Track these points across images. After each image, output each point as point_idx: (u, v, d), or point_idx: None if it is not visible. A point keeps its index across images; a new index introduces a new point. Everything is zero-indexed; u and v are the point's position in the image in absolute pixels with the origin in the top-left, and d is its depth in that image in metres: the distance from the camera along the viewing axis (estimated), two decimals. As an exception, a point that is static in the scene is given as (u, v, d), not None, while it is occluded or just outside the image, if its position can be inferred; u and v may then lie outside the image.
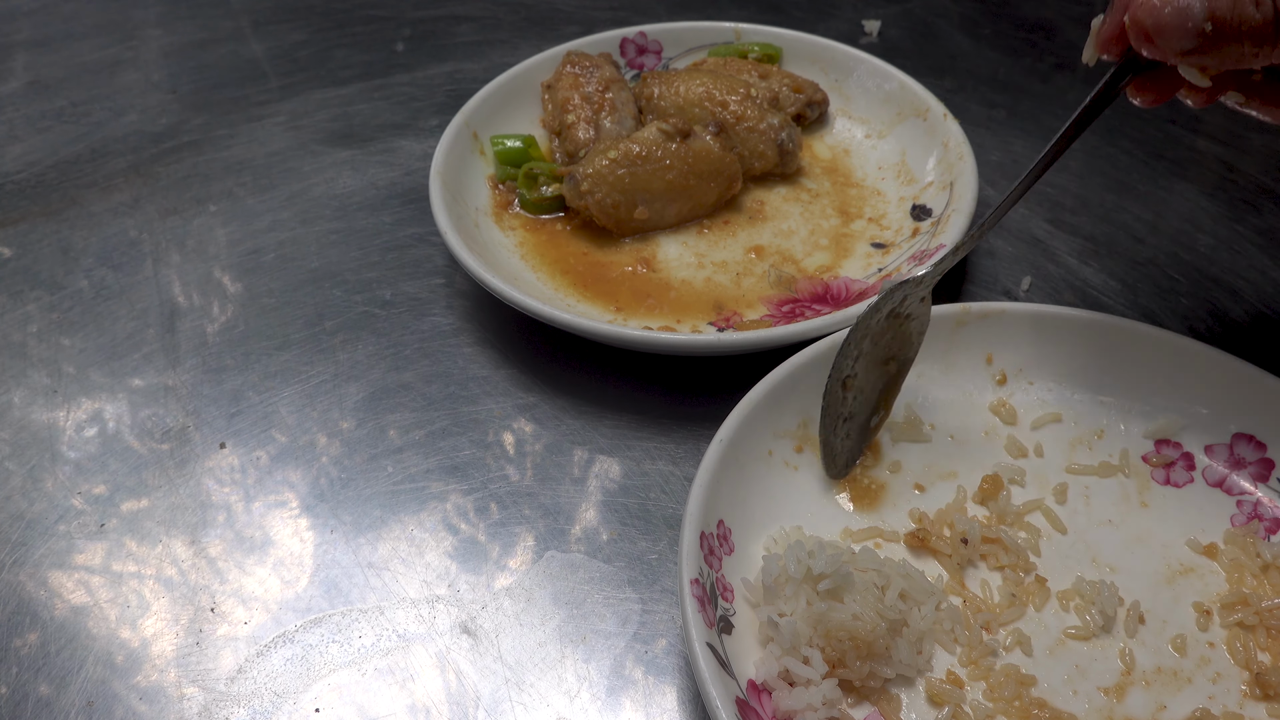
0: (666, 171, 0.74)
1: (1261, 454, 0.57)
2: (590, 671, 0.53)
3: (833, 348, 0.60)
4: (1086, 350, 0.61)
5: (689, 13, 1.05)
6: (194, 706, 0.52)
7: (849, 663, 0.48)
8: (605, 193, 0.73)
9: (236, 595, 0.57)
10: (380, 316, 0.73)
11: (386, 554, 0.59)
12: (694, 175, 0.75)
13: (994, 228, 0.61)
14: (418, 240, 0.79)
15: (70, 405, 0.68)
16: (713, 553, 0.51)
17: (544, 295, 0.70)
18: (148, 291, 0.76)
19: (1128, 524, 0.57)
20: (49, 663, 0.54)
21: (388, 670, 0.53)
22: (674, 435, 0.64)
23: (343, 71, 0.99)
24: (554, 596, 0.56)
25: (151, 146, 0.90)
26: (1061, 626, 0.52)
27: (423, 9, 1.08)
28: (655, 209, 0.74)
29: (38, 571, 0.59)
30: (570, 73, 0.83)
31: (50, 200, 0.85)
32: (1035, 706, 0.49)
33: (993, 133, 0.88)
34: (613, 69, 0.84)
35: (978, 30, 1.02)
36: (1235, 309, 0.71)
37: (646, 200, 0.74)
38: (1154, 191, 0.82)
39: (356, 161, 0.88)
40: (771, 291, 0.71)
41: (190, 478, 0.63)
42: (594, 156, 0.74)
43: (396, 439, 0.65)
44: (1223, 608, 0.53)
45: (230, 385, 0.69)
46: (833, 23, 1.04)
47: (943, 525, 0.56)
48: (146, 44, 1.04)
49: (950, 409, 0.62)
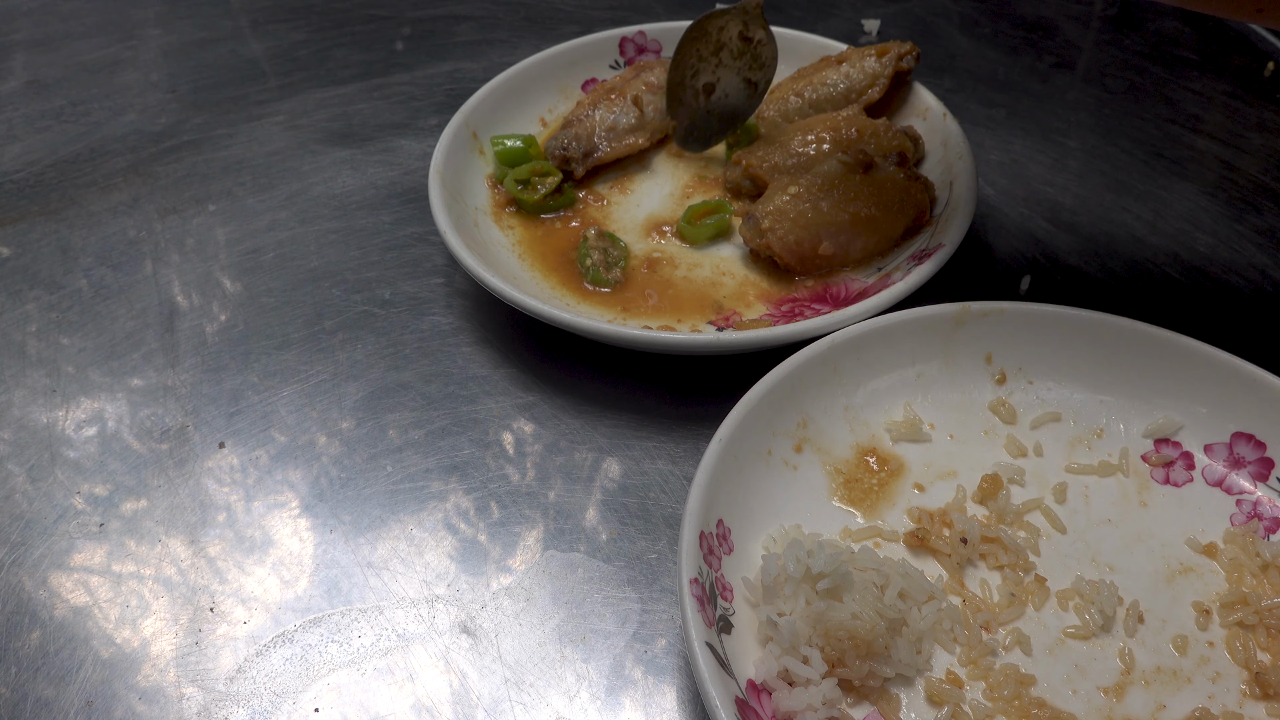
0: (851, 205, 0.70)
1: (1261, 453, 0.57)
2: (590, 671, 0.53)
3: (832, 348, 0.60)
4: (1086, 349, 0.61)
5: (689, 12, 1.05)
6: (193, 706, 0.52)
7: (848, 662, 0.48)
8: (787, 229, 0.69)
9: (236, 595, 0.57)
10: (380, 316, 0.73)
11: (386, 554, 0.59)
12: (880, 207, 0.70)
13: None
14: (417, 240, 0.79)
15: (70, 405, 0.68)
16: (712, 552, 0.51)
17: (543, 294, 0.70)
18: (147, 291, 0.76)
19: (1127, 523, 0.57)
20: (49, 663, 0.54)
21: (387, 670, 0.53)
22: (673, 435, 0.64)
23: (342, 71, 0.99)
24: (553, 596, 0.56)
25: (151, 146, 0.90)
26: (1061, 626, 0.52)
27: (422, 8, 1.08)
28: (840, 243, 0.70)
29: (37, 571, 0.59)
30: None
31: (49, 200, 0.85)
32: (1034, 706, 0.49)
33: (992, 132, 0.88)
34: (656, 74, 0.84)
35: (977, 29, 1.02)
36: (1235, 309, 0.71)
37: (831, 235, 0.70)
38: (1154, 191, 0.82)
39: (356, 161, 0.88)
40: (771, 288, 0.71)
41: (190, 477, 0.63)
42: (774, 193, 0.72)
43: (396, 438, 0.65)
44: (1222, 607, 0.53)
45: (230, 385, 0.69)
46: (833, 22, 1.04)
47: (942, 525, 0.56)
48: (146, 43, 1.04)
49: (950, 408, 0.62)
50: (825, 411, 0.60)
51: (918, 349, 0.62)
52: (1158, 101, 0.91)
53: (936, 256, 0.66)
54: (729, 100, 0.79)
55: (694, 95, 0.79)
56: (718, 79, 0.78)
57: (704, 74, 0.78)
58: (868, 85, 0.81)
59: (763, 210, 0.71)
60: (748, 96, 0.79)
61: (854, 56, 0.82)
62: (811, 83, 0.82)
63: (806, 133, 0.76)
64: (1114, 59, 0.96)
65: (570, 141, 0.79)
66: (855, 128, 0.76)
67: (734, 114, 0.80)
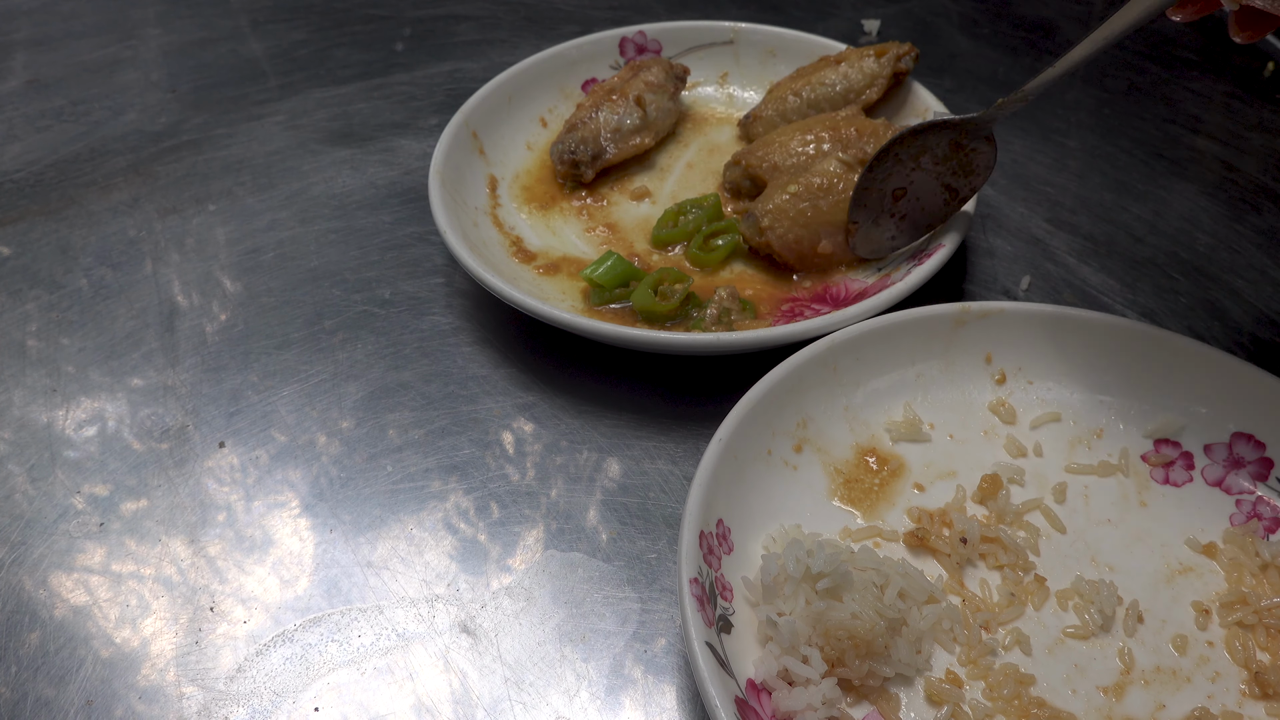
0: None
1: (1260, 453, 0.58)
2: (590, 671, 0.53)
3: (832, 348, 0.60)
4: (1086, 350, 0.62)
5: (688, 12, 1.05)
6: (193, 706, 0.52)
7: (848, 662, 0.48)
8: (786, 228, 0.70)
9: (236, 595, 0.57)
10: (379, 315, 0.73)
11: (386, 553, 0.59)
12: None
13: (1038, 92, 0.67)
14: (417, 239, 0.79)
15: (69, 405, 0.68)
16: (712, 552, 0.51)
17: (543, 294, 0.70)
18: (147, 291, 0.76)
19: (1127, 523, 0.57)
20: (48, 662, 0.54)
21: (387, 669, 0.53)
22: (673, 434, 0.64)
23: (342, 71, 0.99)
24: (553, 596, 0.56)
25: (151, 145, 0.90)
26: (1060, 626, 0.52)
27: (422, 8, 1.08)
28: (839, 242, 0.71)
29: (37, 571, 0.59)
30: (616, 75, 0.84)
31: (49, 199, 0.85)
32: (1034, 706, 0.49)
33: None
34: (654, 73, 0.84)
35: (977, 30, 1.02)
36: (1235, 309, 0.71)
37: (830, 234, 0.70)
38: (1154, 191, 0.82)
39: (356, 161, 0.88)
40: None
41: (190, 477, 0.63)
42: (773, 192, 0.72)
43: (396, 438, 0.65)
44: (1222, 607, 0.53)
45: (229, 384, 0.69)
46: (832, 22, 1.04)
47: (942, 525, 0.56)
48: (146, 43, 1.04)
49: (949, 408, 0.62)
50: (825, 411, 0.60)
51: (917, 349, 0.62)
52: (1158, 101, 0.91)
53: (936, 256, 0.66)
54: (918, 205, 0.69)
55: (879, 198, 0.69)
56: (910, 183, 0.69)
57: (894, 179, 0.69)
58: (866, 85, 0.81)
59: (762, 209, 0.71)
60: (942, 203, 0.69)
61: (853, 57, 0.82)
62: (810, 82, 0.82)
63: (805, 132, 0.76)
64: (1114, 59, 0.96)
65: (578, 145, 0.79)
66: (854, 127, 0.76)
67: (921, 221, 0.70)
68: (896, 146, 0.67)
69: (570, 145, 0.79)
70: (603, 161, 0.79)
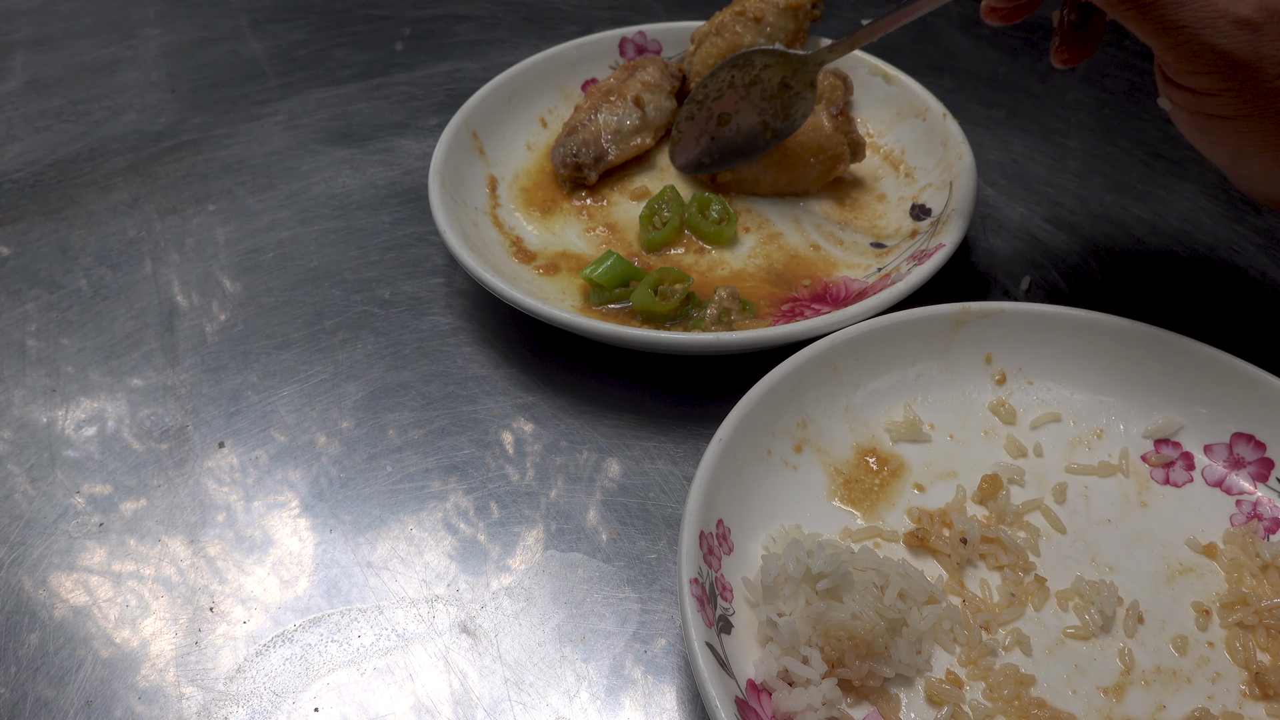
0: None
1: (1261, 454, 0.58)
2: (589, 671, 0.53)
3: (832, 348, 0.60)
4: (1086, 350, 0.61)
5: (688, 12, 1.05)
6: (193, 706, 0.52)
7: (848, 662, 0.48)
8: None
9: (235, 595, 0.57)
10: (379, 316, 0.73)
11: (386, 553, 0.59)
12: (798, 146, 0.75)
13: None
14: (417, 239, 0.79)
15: (69, 405, 0.68)
16: (712, 552, 0.51)
17: (543, 294, 0.70)
18: (147, 291, 0.76)
19: (1127, 524, 0.57)
20: (48, 662, 0.54)
21: (387, 670, 0.53)
22: (673, 435, 0.64)
23: (342, 71, 0.99)
24: (553, 596, 0.56)
25: (150, 146, 0.90)
26: (1061, 626, 0.52)
27: (422, 8, 1.08)
28: (752, 171, 0.76)
29: (37, 571, 0.59)
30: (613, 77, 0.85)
31: (49, 199, 0.85)
32: (1034, 706, 0.49)
33: (992, 132, 0.88)
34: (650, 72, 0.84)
35: (977, 30, 1.02)
36: (1235, 309, 0.71)
37: None
38: (1154, 191, 0.82)
39: (355, 161, 0.88)
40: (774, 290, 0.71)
41: (189, 477, 0.63)
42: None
43: (396, 438, 0.65)
44: (1222, 607, 0.53)
45: (229, 385, 0.69)
46: (832, 22, 1.04)
47: (942, 525, 0.56)
48: (145, 43, 1.04)
49: (949, 409, 0.62)
50: (825, 411, 0.60)
51: (917, 349, 0.62)
52: (1158, 102, 0.91)
53: (936, 256, 0.66)
54: (737, 135, 0.76)
55: (707, 117, 0.77)
56: (736, 110, 0.76)
57: (724, 102, 0.76)
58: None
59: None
60: (757, 140, 0.76)
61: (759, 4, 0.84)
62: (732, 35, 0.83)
63: None
64: (1114, 59, 0.96)
65: (579, 148, 0.79)
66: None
67: (735, 151, 0.77)
68: (732, 68, 0.74)
69: (572, 148, 0.79)
70: (605, 163, 0.79)
